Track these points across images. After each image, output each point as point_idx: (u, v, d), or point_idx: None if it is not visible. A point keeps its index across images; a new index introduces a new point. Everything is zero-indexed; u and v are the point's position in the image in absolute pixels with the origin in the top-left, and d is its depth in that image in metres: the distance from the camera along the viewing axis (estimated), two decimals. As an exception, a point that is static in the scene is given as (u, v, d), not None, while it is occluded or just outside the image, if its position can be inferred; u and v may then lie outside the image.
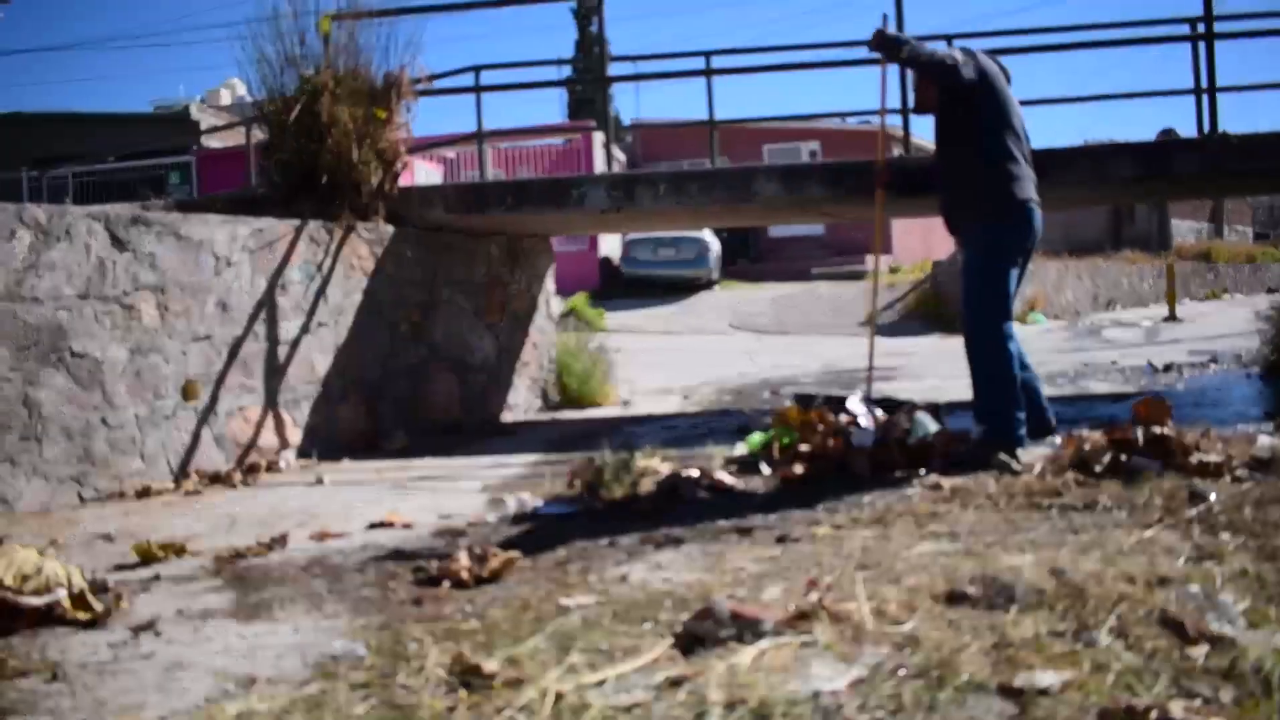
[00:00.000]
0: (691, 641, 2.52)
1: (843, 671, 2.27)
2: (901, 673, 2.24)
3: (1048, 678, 2.17)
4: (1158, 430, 4.35)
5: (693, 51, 14.65)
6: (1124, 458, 4.22)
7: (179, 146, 19.94)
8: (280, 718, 2.23)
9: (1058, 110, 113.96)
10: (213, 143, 20.24)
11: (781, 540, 3.60)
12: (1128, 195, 15.94)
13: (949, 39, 8.12)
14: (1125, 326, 18.44)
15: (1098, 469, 4.21)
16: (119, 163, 19.05)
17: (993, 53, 5.42)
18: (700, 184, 7.73)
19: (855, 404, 5.14)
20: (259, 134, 10.06)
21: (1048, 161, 6.80)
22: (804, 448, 4.80)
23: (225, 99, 30.81)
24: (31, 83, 79.42)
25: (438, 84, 8.38)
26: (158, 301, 5.75)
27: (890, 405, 5.25)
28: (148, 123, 23.83)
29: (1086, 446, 4.40)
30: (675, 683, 2.28)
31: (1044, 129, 78.18)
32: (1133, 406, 4.85)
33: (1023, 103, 8.54)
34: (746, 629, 2.53)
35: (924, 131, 6.04)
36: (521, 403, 8.73)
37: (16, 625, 3.01)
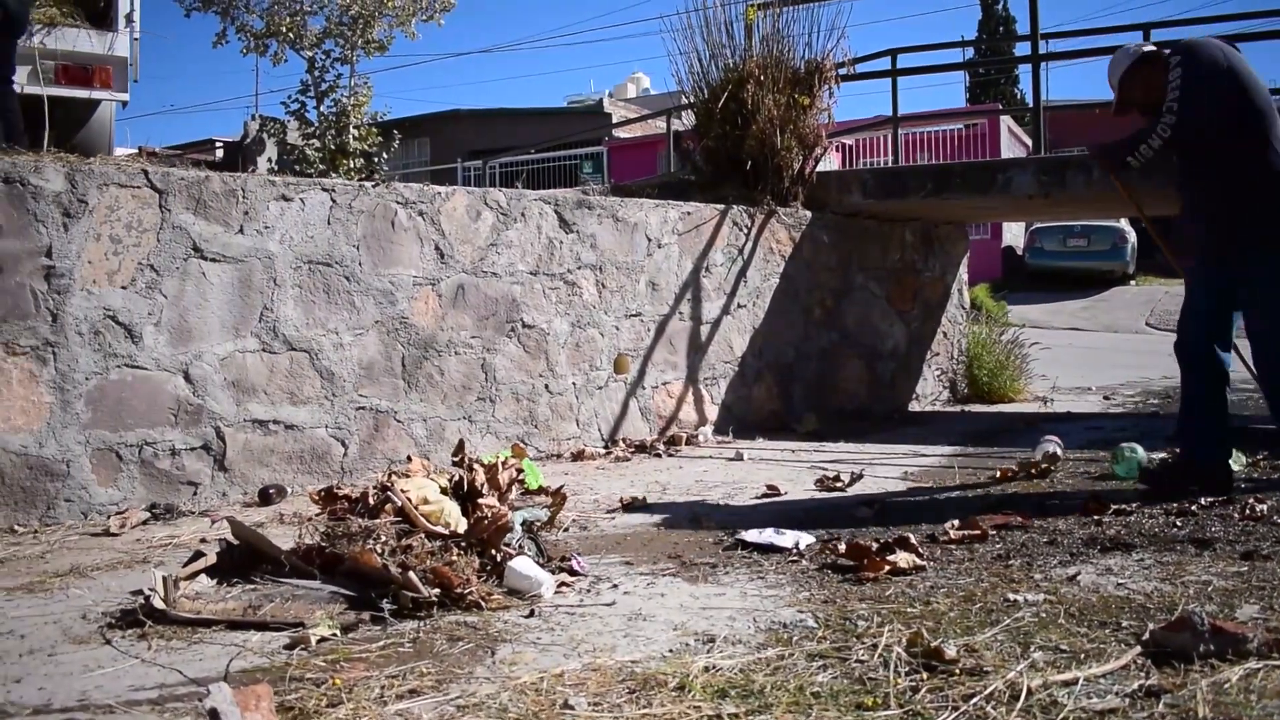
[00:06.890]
0: (1162, 652, 2.37)
1: (1353, 706, 2.04)
2: None
3: None
4: None
5: (1114, 27, 13.60)
6: None
7: (591, 138, 21.23)
8: (745, 675, 2.32)
9: None
10: (620, 134, 21.38)
11: (1248, 556, 3.29)
12: None
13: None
14: None
15: None
16: (539, 154, 20.61)
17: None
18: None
19: None
20: (675, 124, 10.52)
21: None
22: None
23: (631, 92, 32.54)
24: (464, 83, 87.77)
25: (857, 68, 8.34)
26: (596, 279, 6.15)
27: None
28: (564, 116, 25.57)
29: None
30: (1152, 693, 2.15)
31: None
32: None
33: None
34: (1228, 646, 2.34)
35: None
36: (929, 393, 8.56)
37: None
